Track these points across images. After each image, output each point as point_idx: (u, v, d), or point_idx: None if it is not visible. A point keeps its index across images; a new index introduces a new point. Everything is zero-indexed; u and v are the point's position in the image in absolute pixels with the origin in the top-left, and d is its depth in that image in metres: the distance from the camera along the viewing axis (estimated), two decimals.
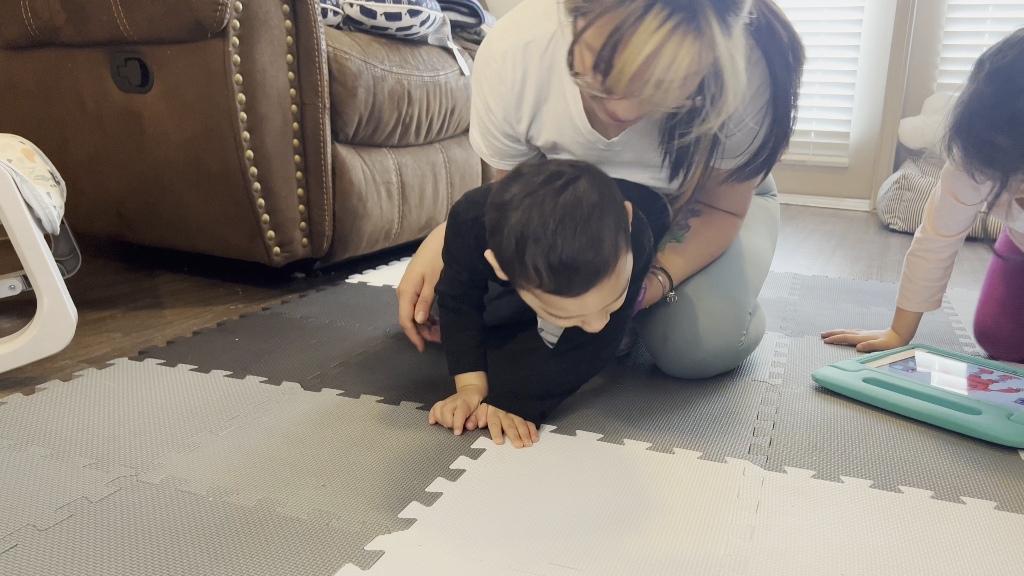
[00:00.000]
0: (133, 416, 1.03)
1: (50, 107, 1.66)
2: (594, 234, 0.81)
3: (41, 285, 1.11)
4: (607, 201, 0.84)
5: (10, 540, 0.74)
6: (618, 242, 0.83)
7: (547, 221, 0.81)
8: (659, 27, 0.78)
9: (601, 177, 0.86)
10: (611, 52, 0.81)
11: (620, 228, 0.84)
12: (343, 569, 0.71)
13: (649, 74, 0.81)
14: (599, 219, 0.82)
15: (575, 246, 0.80)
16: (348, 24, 1.81)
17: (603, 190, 0.84)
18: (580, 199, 0.82)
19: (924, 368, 1.22)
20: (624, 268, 0.86)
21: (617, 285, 0.86)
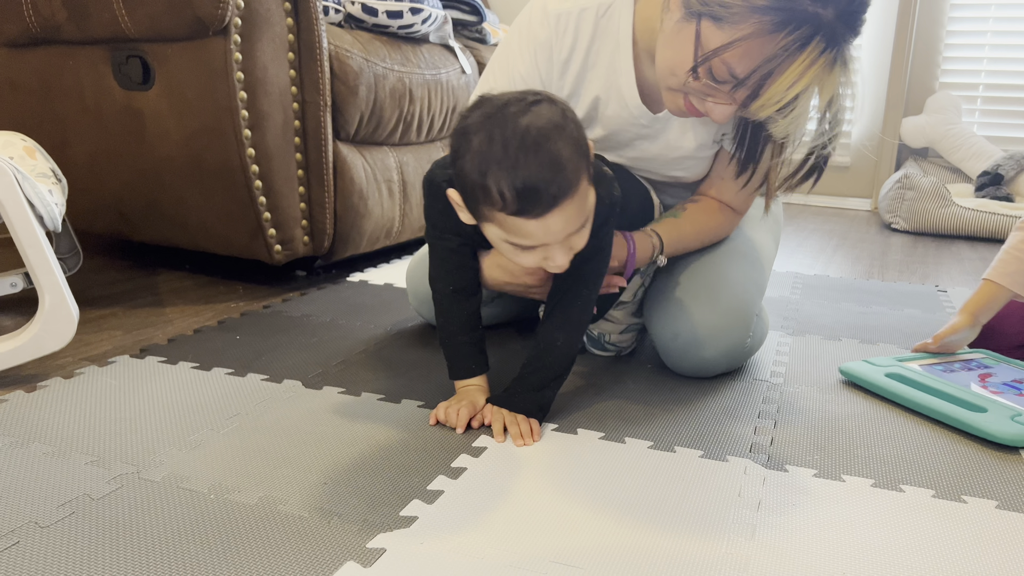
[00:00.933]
0: (134, 414, 1.03)
1: (51, 105, 1.66)
2: (556, 153, 0.80)
3: (43, 283, 1.11)
4: (569, 125, 0.83)
5: (12, 537, 0.74)
6: (579, 165, 0.83)
7: (509, 141, 0.80)
8: (814, 62, 0.81)
9: (562, 105, 0.85)
10: (760, 82, 0.83)
11: (581, 154, 0.84)
12: (344, 567, 0.71)
13: (795, 102, 0.85)
14: (560, 140, 0.81)
15: (537, 164, 0.80)
16: (349, 22, 1.81)
17: (564, 115, 0.84)
18: (541, 120, 0.81)
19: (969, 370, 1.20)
20: (586, 195, 0.86)
21: (581, 210, 0.85)
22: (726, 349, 1.15)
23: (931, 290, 1.86)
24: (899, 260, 2.27)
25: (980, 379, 1.15)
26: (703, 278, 1.17)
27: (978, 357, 1.25)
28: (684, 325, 1.14)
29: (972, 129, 3.14)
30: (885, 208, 2.88)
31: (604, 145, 1.18)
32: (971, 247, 2.54)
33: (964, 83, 3.23)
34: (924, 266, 2.19)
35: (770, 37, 0.82)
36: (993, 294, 1.19)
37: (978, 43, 3.20)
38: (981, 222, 2.66)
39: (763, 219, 1.33)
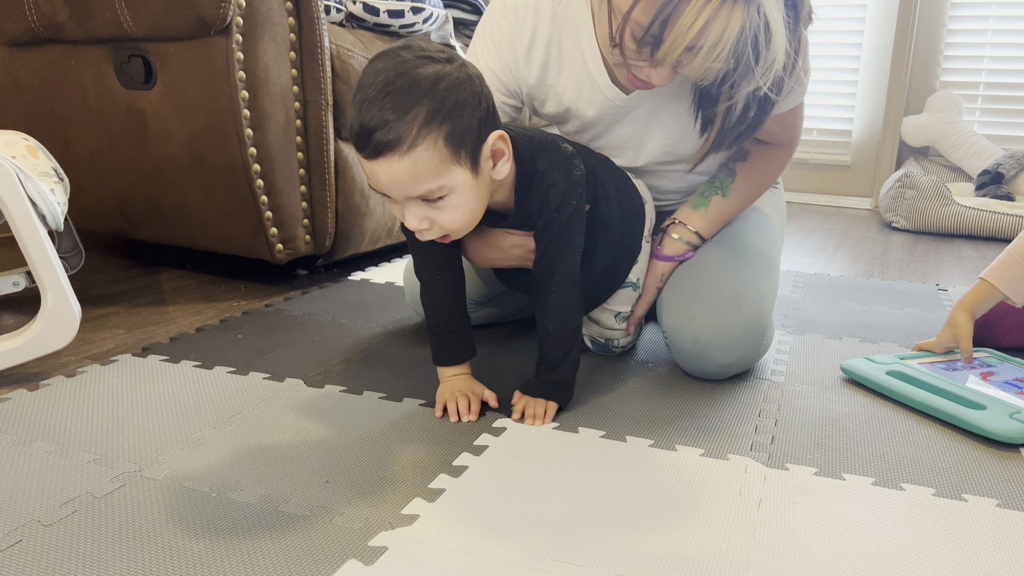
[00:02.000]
0: (136, 412, 1.03)
1: (53, 104, 1.66)
2: (404, 106, 0.80)
3: (45, 281, 1.11)
4: (449, 89, 0.82)
5: (15, 535, 0.75)
6: (429, 129, 0.81)
7: (378, 78, 0.81)
8: (707, 2, 0.81)
9: (462, 74, 0.85)
10: (661, 28, 0.83)
11: (444, 123, 0.82)
12: (346, 565, 0.71)
13: (700, 45, 0.84)
14: (420, 97, 0.80)
15: (378, 108, 0.80)
16: (351, 21, 1.81)
17: (452, 81, 0.83)
18: (413, 72, 0.81)
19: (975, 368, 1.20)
20: (429, 164, 0.83)
21: (415, 175, 0.83)
22: (742, 355, 1.15)
23: (932, 289, 1.86)
24: (900, 259, 2.27)
25: (982, 377, 1.16)
26: (726, 285, 1.15)
27: (980, 356, 1.25)
28: (705, 331, 1.13)
29: (973, 128, 3.14)
30: (885, 207, 2.88)
31: (588, 137, 1.18)
32: (972, 246, 2.54)
33: (965, 82, 3.23)
34: (925, 265, 2.19)
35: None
36: (986, 293, 1.22)
37: (979, 42, 3.20)
38: (982, 221, 2.66)
39: (768, 215, 1.32)
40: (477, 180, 0.88)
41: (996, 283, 1.20)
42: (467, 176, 0.87)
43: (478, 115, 0.86)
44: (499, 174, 0.91)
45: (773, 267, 1.24)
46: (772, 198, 1.37)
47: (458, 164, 0.85)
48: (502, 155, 0.90)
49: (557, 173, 0.97)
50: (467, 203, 0.89)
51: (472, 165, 0.87)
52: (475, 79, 0.87)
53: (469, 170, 0.86)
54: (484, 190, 0.91)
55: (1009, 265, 1.19)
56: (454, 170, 0.85)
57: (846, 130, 3.36)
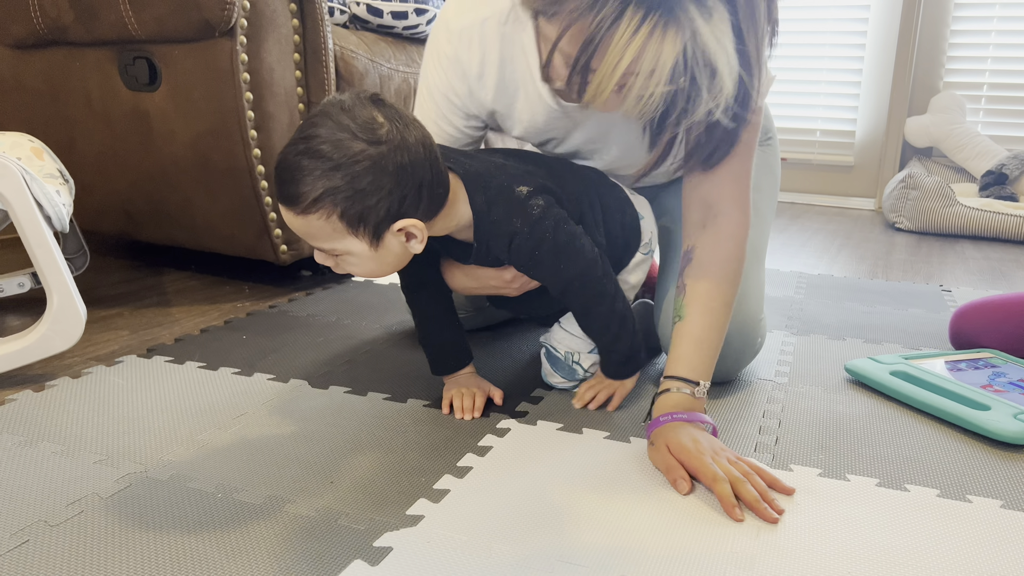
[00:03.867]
0: (142, 413, 1.03)
1: (58, 106, 1.67)
2: (310, 171, 0.80)
3: (51, 283, 1.12)
4: (361, 176, 0.81)
5: (22, 535, 0.75)
6: (323, 205, 0.81)
7: (311, 130, 0.81)
8: (636, 31, 0.74)
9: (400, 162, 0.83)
10: (587, 62, 0.78)
11: (340, 204, 0.81)
12: (352, 565, 0.71)
13: (631, 81, 0.78)
14: (326, 171, 0.80)
15: (293, 158, 0.81)
16: (355, 23, 1.82)
17: (381, 171, 0.81)
18: (339, 147, 0.80)
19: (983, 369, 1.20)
20: (321, 230, 0.83)
21: (307, 233, 0.84)
22: (737, 358, 1.13)
23: (935, 290, 1.86)
24: (903, 260, 2.27)
25: (987, 377, 1.16)
26: None
27: (986, 356, 1.25)
28: None
29: (976, 128, 3.14)
30: (889, 208, 2.88)
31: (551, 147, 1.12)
32: (975, 247, 2.54)
33: (968, 82, 3.23)
34: (928, 266, 2.19)
35: (588, 16, 0.76)
36: None
37: (982, 42, 3.19)
38: (985, 222, 2.65)
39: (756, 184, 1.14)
40: (378, 252, 0.86)
41: None
42: (364, 248, 0.85)
43: (387, 200, 0.83)
44: (413, 249, 0.89)
45: (759, 261, 1.18)
46: (765, 159, 1.23)
47: (354, 237, 0.84)
48: (413, 238, 0.88)
49: (516, 220, 0.94)
50: (365, 265, 0.88)
51: (372, 240, 0.85)
52: (404, 163, 0.83)
53: (368, 244, 0.85)
54: (390, 258, 0.88)
55: None
56: (349, 240, 0.84)
57: (849, 131, 3.36)
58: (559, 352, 1.12)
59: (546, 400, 1.10)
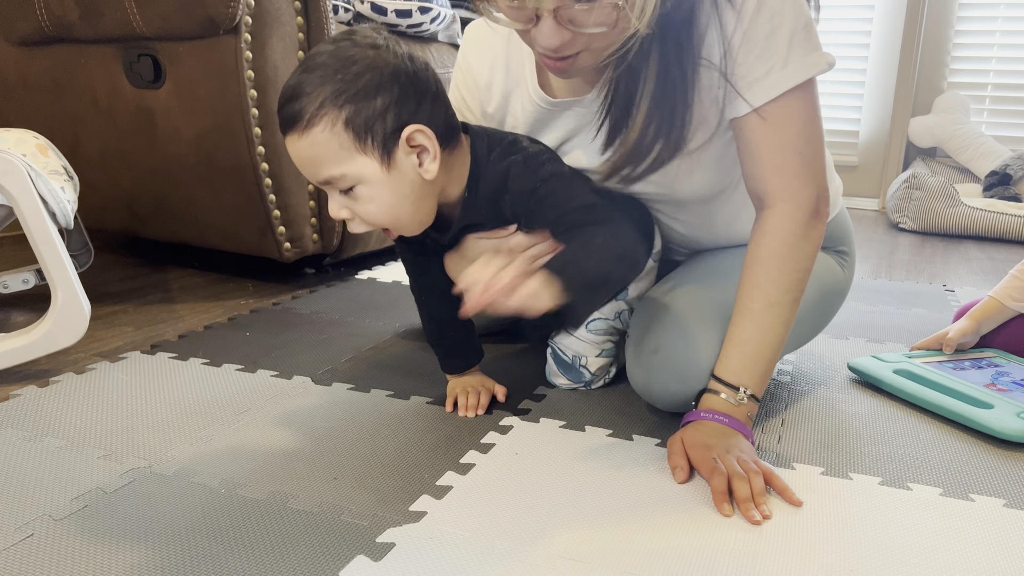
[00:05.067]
0: (146, 409, 1.04)
1: (63, 103, 1.67)
2: (311, 83, 0.78)
3: (55, 279, 1.12)
4: (362, 75, 0.79)
5: (26, 529, 0.75)
6: (326, 111, 0.78)
7: (309, 57, 0.81)
8: None
9: (403, 66, 0.81)
10: None
11: (345, 106, 0.79)
12: (354, 561, 0.71)
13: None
14: (328, 76, 0.78)
15: (294, 81, 0.80)
16: (359, 21, 1.82)
17: (381, 70, 0.79)
18: (339, 55, 0.79)
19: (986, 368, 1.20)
20: (327, 147, 0.80)
21: (313, 157, 0.81)
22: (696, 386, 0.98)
23: (939, 290, 1.86)
24: (907, 260, 2.26)
25: (990, 377, 1.16)
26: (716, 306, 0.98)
27: (989, 355, 1.25)
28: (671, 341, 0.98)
29: (980, 129, 3.13)
30: (893, 208, 2.88)
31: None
32: (979, 247, 2.54)
33: (972, 83, 3.22)
34: (932, 266, 2.19)
35: None
36: (996, 309, 1.27)
37: (986, 43, 3.19)
38: (989, 222, 2.65)
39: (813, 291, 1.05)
40: (390, 174, 0.82)
41: (1004, 301, 1.26)
42: (376, 168, 0.81)
43: (395, 104, 0.80)
44: (428, 174, 0.84)
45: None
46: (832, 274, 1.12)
47: (363, 153, 0.80)
48: (424, 151, 0.83)
49: (514, 155, 0.90)
50: (381, 197, 0.83)
51: (383, 156, 0.81)
52: (406, 69, 0.81)
53: (379, 162, 0.81)
54: (406, 187, 0.84)
55: (1019, 288, 1.25)
56: (358, 159, 0.80)
57: (853, 131, 3.36)
58: (567, 355, 1.12)
59: (549, 398, 1.10)
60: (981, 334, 1.28)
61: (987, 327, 1.28)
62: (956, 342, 1.24)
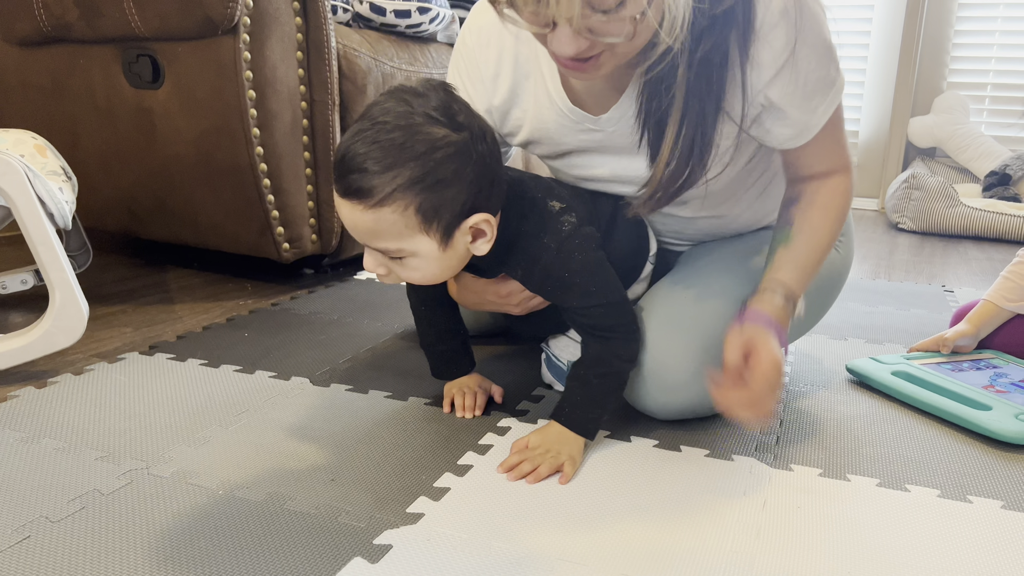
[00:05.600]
0: (144, 410, 1.04)
1: (62, 103, 1.67)
2: (388, 161, 0.75)
3: (53, 280, 1.12)
4: (443, 164, 0.76)
5: (23, 531, 0.75)
6: (403, 196, 0.76)
7: (381, 118, 0.76)
8: None
9: (474, 150, 0.78)
10: None
11: (421, 194, 0.76)
12: (352, 563, 0.71)
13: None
14: (408, 159, 0.75)
15: (365, 148, 0.75)
16: (357, 21, 1.82)
17: (460, 158, 0.77)
18: (420, 134, 0.75)
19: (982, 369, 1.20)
20: (392, 226, 0.78)
21: (375, 231, 0.78)
22: (687, 401, 0.99)
23: (938, 290, 1.86)
24: (906, 260, 2.26)
25: (989, 378, 1.16)
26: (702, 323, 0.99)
27: (987, 357, 1.25)
28: (655, 359, 0.98)
29: (980, 129, 3.13)
30: (892, 208, 2.88)
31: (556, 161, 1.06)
32: (978, 247, 2.54)
33: (972, 83, 3.22)
34: (931, 266, 2.19)
35: None
36: (992, 312, 1.28)
37: (986, 43, 3.19)
38: (988, 222, 2.65)
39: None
40: (446, 252, 0.82)
41: (999, 303, 1.27)
42: (433, 247, 0.81)
43: (467, 192, 0.79)
44: (477, 251, 0.84)
45: None
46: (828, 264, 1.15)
47: (426, 235, 0.79)
48: (483, 235, 0.83)
49: (545, 237, 0.89)
50: (428, 268, 0.83)
51: (443, 239, 0.80)
52: (480, 152, 0.79)
53: (438, 243, 0.80)
54: (454, 260, 0.84)
55: (1012, 288, 1.26)
56: (419, 238, 0.79)
57: (853, 131, 3.36)
58: (562, 362, 1.11)
59: (547, 399, 1.10)
60: (980, 338, 1.28)
61: (985, 331, 1.28)
62: (953, 342, 1.24)
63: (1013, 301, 1.26)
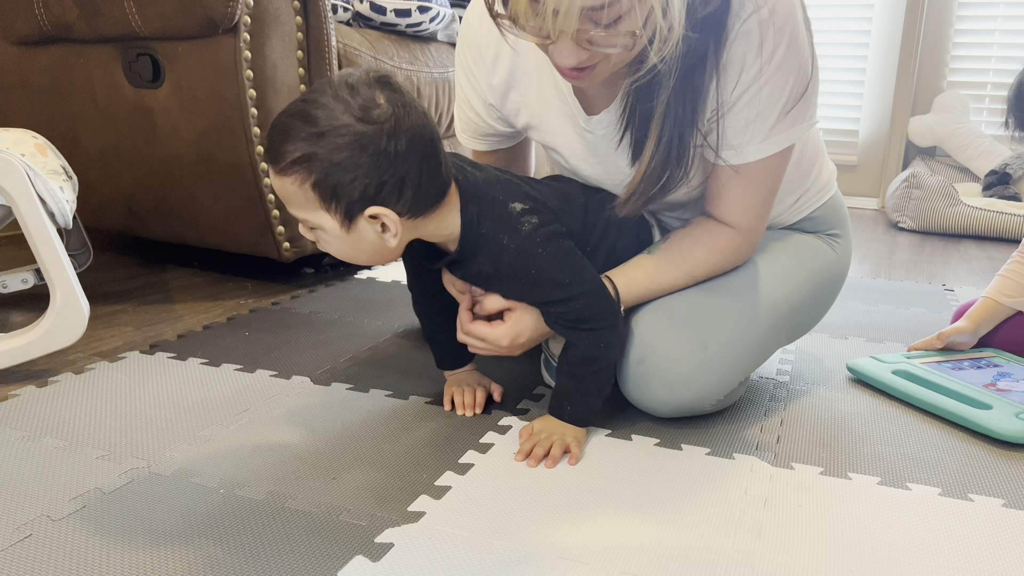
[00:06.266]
0: (144, 409, 1.04)
1: (62, 103, 1.67)
2: (292, 135, 0.79)
3: (54, 279, 1.12)
4: (341, 150, 0.78)
5: (24, 530, 0.75)
6: (298, 169, 0.79)
7: (307, 95, 0.80)
8: None
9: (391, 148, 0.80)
10: None
11: (314, 172, 0.79)
12: (353, 561, 0.71)
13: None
14: (307, 138, 0.78)
15: (284, 118, 0.80)
16: (358, 20, 1.82)
17: (364, 149, 0.79)
18: (328, 117, 0.78)
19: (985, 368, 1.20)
20: (295, 196, 0.81)
21: (284, 196, 0.82)
22: (688, 399, 0.99)
23: (938, 289, 1.86)
24: (906, 259, 2.26)
25: (991, 377, 1.16)
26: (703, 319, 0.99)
27: (988, 355, 1.25)
28: (656, 355, 0.98)
29: (980, 128, 3.13)
30: (892, 207, 2.88)
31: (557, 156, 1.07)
32: (979, 246, 2.54)
33: (972, 82, 3.22)
34: (931, 265, 2.19)
35: None
36: (992, 309, 1.28)
37: (986, 42, 3.18)
38: (989, 221, 2.65)
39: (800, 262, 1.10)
40: (351, 235, 0.84)
41: (999, 299, 1.27)
42: (335, 226, 0.83)
43: (364, 184, 0.80)
44: (388, 243, 0.85)
45: (777, 327, 1.05)
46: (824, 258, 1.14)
47: (327, 212, 0.82)
48: (387, 230, 0.84)
49: (504, 237, 0.90)
50: (339, 245, 0.86)
51: (344, 221, 0.82)
52: (390, 151, 0.80)
53: (339, 223, 0.83)
54: (364, 244, 0.85)
55: (1009, 285, 1.27)
56: (321, 214, 0.82)
57: (853, 130, 3.36)
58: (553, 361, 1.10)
59: (546, 397, 1.10)
60: (979, 335, 1.28)
61: (985, 328, 1.28)
62: (948, 336, 1.24)
63: (1012, 297, 1.26)
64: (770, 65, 0.88)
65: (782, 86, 0.90)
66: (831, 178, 1.16)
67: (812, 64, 0.91)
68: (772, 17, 0.86)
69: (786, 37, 0.87)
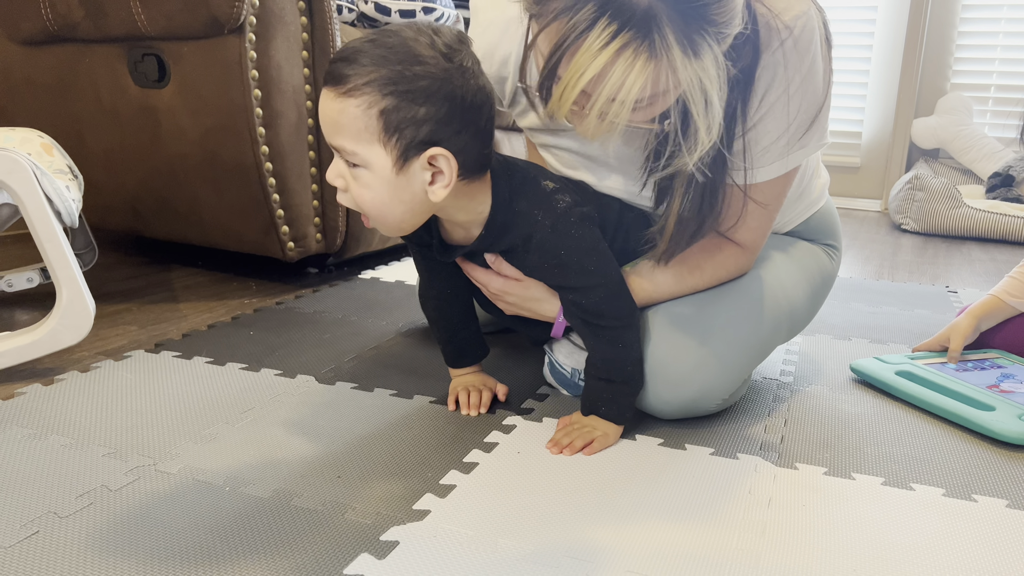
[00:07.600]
0: (150, 407, 1.04)
1: (68, 102, 1.67)
2: (371, 59, 0.76)
3: (60, 277, 1.12)
4: (420, 80, 0.77)
5: (31, 527, 0.76)
6: (371, 92, 0.76)
7: (381, 33, 0.79)
8: (605, 45, 0.70)
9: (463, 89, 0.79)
10: (555, 66, 0.74)
11: (388, 97, 0.76)
12: (359, 559, 0.71)
13: (593, 99, 0.73)
14: (389, 63, 0.76)
15: (359, 44, 0.78)
16: (362, 21, 1.82)
17: (441, 85, 0.77)
18: (408, 49, 0.77)
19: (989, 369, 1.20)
20: (353, 121, 0.77)
21: (337, 122, 0.78)
22: (687, 399, 0.99)
23: (941, 291, 1.86)
24: (909, 261, 2.26)
25: (995, 378, 1.16)
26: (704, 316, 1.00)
27: (991, 356, 1.25)
28: (653, 354, 0.98)
29: (983, 130, 3.14)
30: (895, 209, 2.88)
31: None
32: (982, 248, 2.54)
33: (975, 84, 3.22)
34: (934, 267, 2.19)
35: (563, 18, 0.72)
36: (995, 306, 1.28)
37: (990, 44, 3.19)
38: (992, 223, 2.65)
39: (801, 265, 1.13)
40: (398, 178, 0.80)
41: (1005, 299, 1.27)
42: (387, 164, 0.79)
43: (436, 121, 0.78)
44: (433, 195, 0.82)
45: (777, 325, 1.06)
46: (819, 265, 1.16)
47: (383, 146, 0.78)
48: (440, 176, 0.81)
49: (539, 213, 0.89)
50: (378, 191, 0.81)
51: (399, 159, 0.79)
52: (465, 96, 0.79)
53: (393, 161, 0.79)
54: (407, 195, 0.82)
55: (1017, 287, 1.27)
56: (375, 148, 0.78)
57: (856, 132, 3.36)
58: (565, 369, 1.09)
59: (552, 397, 1.10)
60: (980, 331, 1.27)
61: (986, 324, 1.28)
62: (959, 352, 1.24)
63: (1016, 297, 1.26)
64: (787, 92, 0.89)
65: (797, 110, 0.91)
66: (824, 187, 1.19)
67: (827, 87, 0.92)
68: (796, 46, 0.87)
69: (806, 65, 0.88)
